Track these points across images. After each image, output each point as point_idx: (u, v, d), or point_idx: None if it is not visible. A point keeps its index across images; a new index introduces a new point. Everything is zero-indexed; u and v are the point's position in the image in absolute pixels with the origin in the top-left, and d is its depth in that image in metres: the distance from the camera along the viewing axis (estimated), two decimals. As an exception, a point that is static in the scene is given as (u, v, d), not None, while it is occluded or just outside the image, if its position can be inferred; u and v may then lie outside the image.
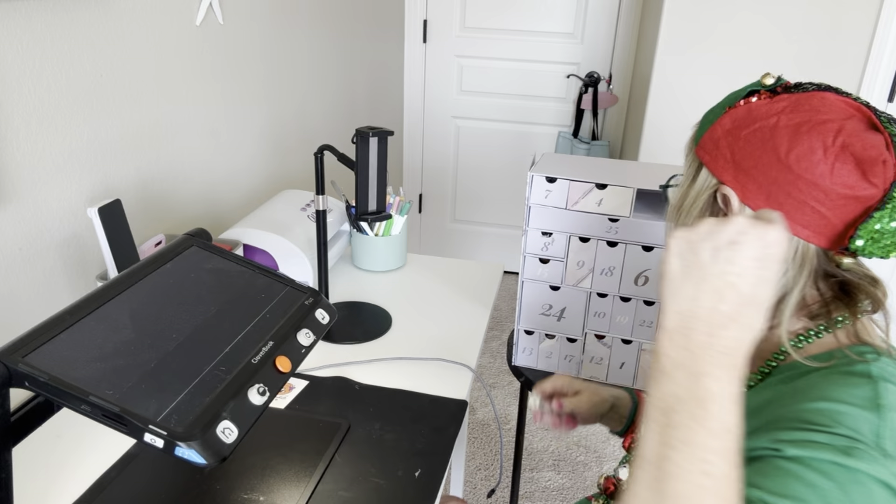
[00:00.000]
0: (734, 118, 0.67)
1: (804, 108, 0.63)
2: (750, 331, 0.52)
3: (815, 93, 0.65)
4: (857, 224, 0.61)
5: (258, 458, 0.89)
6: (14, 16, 0.91)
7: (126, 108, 1.15)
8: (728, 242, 0.53)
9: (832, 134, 0.61)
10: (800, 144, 0.62)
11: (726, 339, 0.52)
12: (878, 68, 2.09)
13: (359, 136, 1.13)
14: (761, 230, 0.53)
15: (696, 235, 0.55)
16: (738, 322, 0.52)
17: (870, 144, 0.60)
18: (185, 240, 0.76)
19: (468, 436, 2.17)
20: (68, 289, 1.07)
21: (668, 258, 0.56)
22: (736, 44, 2.17)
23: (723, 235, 0.54)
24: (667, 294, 0.56)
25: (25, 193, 0.97)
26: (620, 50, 2.73)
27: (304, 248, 1.29)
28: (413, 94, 2.98)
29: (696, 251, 0.54)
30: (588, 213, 1.14)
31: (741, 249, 0.53)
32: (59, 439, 0.93)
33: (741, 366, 0.52)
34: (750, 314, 0.52)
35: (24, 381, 0.54)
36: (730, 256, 0.53)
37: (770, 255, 0.53)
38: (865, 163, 0.60)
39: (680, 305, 0.54)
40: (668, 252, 0.56)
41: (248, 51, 1.53)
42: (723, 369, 0.51)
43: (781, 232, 0.53)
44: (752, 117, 0.66)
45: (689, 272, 0.54)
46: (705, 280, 0.53)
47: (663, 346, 0.54)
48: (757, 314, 0.53)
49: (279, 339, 0.67)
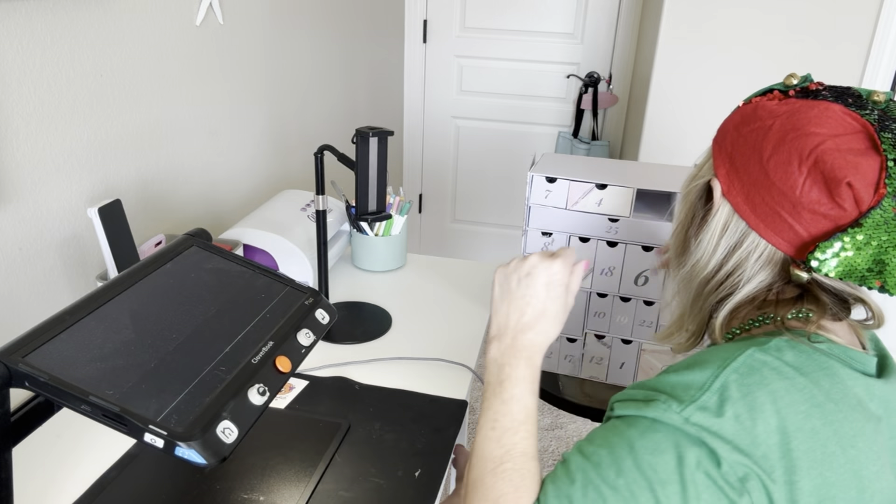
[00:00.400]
0: (743, 114, 0.68)
1: (800, 117, 0.63)
2: (544, 334, 0.73)
3: (821, 102, 0.63)
4: (821, 241, 0.61)
5: (258, 458, 0.89)
6: (14, 16, 0.91)
7: (126, 108, 1.15)
8: (526, 274, 0.75)
9: (810, 148, 0.61)
10: (780, 153, 0.62)
11: (524, 340, 0.72)
12: (879, 68, 2.09)
13: (359, 136, 1.13)
14: (548, 264, 0.74)
15: (509, 270, 0.76)
16: (535, 329, 0.73)
17: (844, 164, 0.59)
18: (185, 240, 0.76)
19: (468, 436, 2.17)
20: (68, 289, 1.07)
21: (493, 286, 0.78)
22: (736, 44, 2.17)
23: (524, 268, 0.75)
24: (492, 312, 0.77)
25: (25, 193, 0.97)
26: (620, 50, 2.73)
27: (304, 248, 1.29)
28: (413, 94, 2.98)
29: (509, 280, 0.76)
30: (588, 213, 1.14)
31: (534, 278, 0.74)
32: (58, 439, 0.93)
33: (536, 358, 0.72)
34: (544, 322, 0.73)
35: (24, 381, 0.54)
36: (528, 283, 0.74)
37: (555, 281, 0.74)
38: (831, 182, 0.59)
39: (498, 319, 0.75)
40: (493, 282, 0.78)
41: (248, 51, 1.53)
42: (519, 360, 0.71)
43: (563, 264, 0.74)
44: (756, 116, 0.66)
45: (504, 295, 0.76)
46: (513, 301, 0.75)
47: (488, 350, 0.74)
48: (549, 323, 0.73)
49: (279, 339, 0.67)
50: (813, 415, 0.58)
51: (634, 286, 1.17)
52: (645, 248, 1.13)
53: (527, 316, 0.73)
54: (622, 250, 1.15)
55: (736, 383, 0.59)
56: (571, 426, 2.23)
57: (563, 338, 1.25)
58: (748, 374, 0.59)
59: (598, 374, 1.26)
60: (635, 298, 1.18)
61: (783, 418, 0.57)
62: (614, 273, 1.17)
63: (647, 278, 1.16)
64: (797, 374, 0.60)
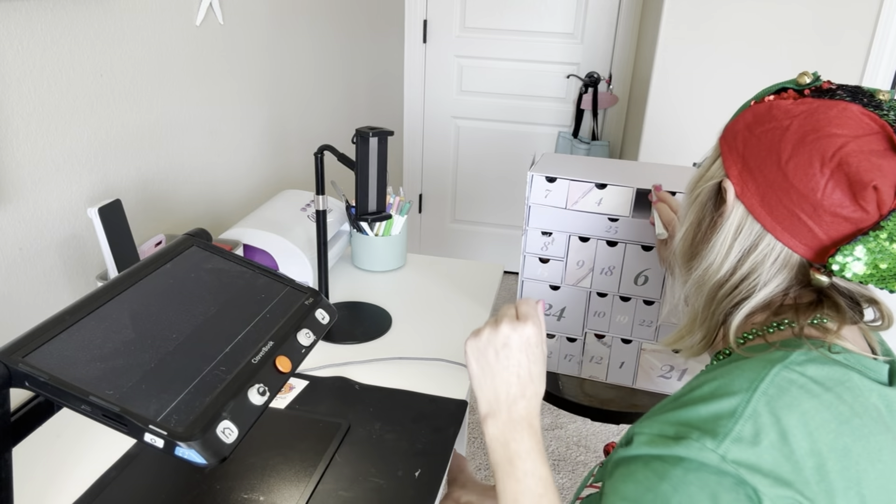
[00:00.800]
0: (756, 114, 0.66)
1: (819, 118, 0.61)
2: (535, 397, 0.74)
3: (838, 102, 0.62)
4: (842, 244, 0.60)
5: (258, 458, 0.89)
6: (14, 16, 0.91)
7: (126, 108, 1.15)
8: (502, 345, 0.74)
9: (833, 149, 0.59)
10: (800, 154, 0.61)
11: (520, 409, 0.73)
12: (878, 68, 2.09)
13: (359, 136, 1.13)
14: (521, 330, 0.74)
15: (481, 343, 0.76)
16: (525, 396, 0.73)
17: (869, 167, 0.58)
18: (185, 240, 0.76)
19: (468, 436, 2.17)
20: (68, 289, 1.07)
21: (468, 362, 0.77)
22: (736, 43, 2.17)
23: (499, 340, 0.74)
24: (476, 389, 0.76)
25: (25, 193, 0.97)
26: (620, 50, 2.73)
27: (304, 248, 1.29)
28: (413, 94, 2.98)
29: (485, 354, 0.75)
30: (588, 213, 1.14)
31: (511, 348, 0.74)
32: (58, 439, 0.93)
33: (536, 423, 0.73)
34: (532, 387, 0.74)
35: (24, 381, 0.54)
36: (507, 354, 0.74)
37: (531, 344, 0.74)
38: (856, 185, 0.58)
39: (486, 396, 0.75)
40: (467, 357, 0.77)
41: (248, 51, 1.53)
42: (522, 432, 0.72)
43: (534, 325, 0.74)
44: (771, 116, 0.64)
45: (484, 371, 0.75)
46: (496, 375, 0.74)
47: (486, 429, 0.74)
48: (536, 385, 0.74)
49: (279, 339, 0.67)
50: (843, 432, 0.56)
51: (634, 286, 1.17)
52: (645, 247, 1.14)
53: (514, 387, 0.73)
54: (622, 250, 1.15)
55: (767, 407, 0.57)
56: (571, 426, 2.23)
57: (563, 337, 1.25)
58: (778, 396, 0.57)
59: (598, 374, 1.26)
60: (635, 298, 1.18)
61: (815, 440, 0.56)
62: (614, 273, 1.17)
63: (647, 278, 1.16)
64: (823, 390, 0.58)
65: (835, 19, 2.08)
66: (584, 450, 2.14)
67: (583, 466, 2.07)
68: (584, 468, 2.06)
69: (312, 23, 1.88)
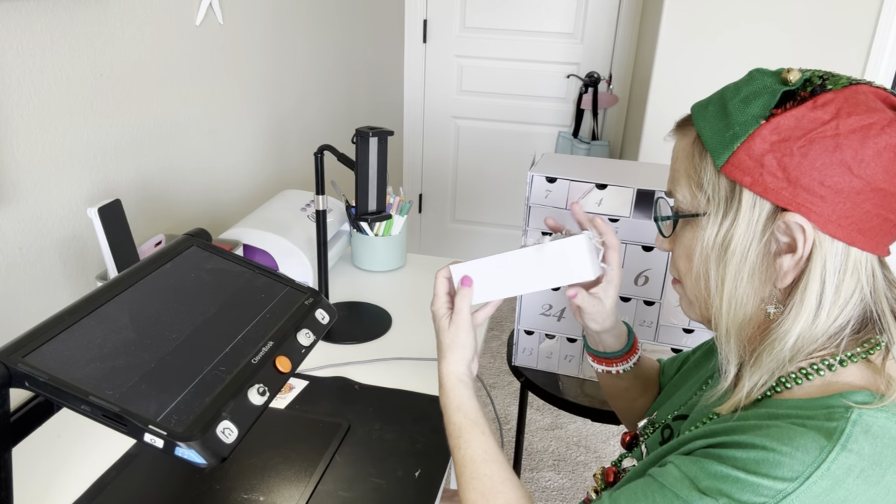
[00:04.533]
0: (778, 129, 0.57)
1: (856, 111, 0.55)
2: (444, 363, 0.81)
3: (856, 87, 0.57)
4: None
5: (258, 458, 0.89)
6: (14, 16, 0.91)
7: (126, 108, 1.15)
8: None
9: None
10: (865, 150, 0.55)
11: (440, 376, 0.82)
12: (879, 68, 2.09)
13: (359, 136, 1.13)
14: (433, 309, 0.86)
15: None
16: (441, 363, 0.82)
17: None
18: (185, 240, 0.76)
19: (468, 436, 2.17)
20: (68, 289, 1.07)
21: None
22: (736, 43, 2.17)
23: None
24: None
25: (25, 193, 0.97)
26: (620, 50, 2.73)
27: (304, 248, 1.29)
28: (413, 94, 2.98)
29: None
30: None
31: None
32: (59, 439, 0.93)
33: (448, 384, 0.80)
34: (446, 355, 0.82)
35: (24, 381, 0.54)
36: None
37: (434, 317, 0.85)
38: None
39: None
40: None
41: (248, 51, 1.53)
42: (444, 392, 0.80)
43: (435, 299, 0.86)
44: (802, 126, 0.56)
45: None
46: None
47: None
48: (444, 350, 0.82)
49: (279, 339, 0.67)
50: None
51: (634, 286, 1.17)
52: (645, 248, 1.13)
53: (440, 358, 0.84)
54: (622, 250, 1.15)
55: None
56: (571, 426, 2.23)
57: (563, 338, 1.25)
58: (832, 490, 0.51)
59: (598, 374, 1.26)
60: (635, 298, 1.18)
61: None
62: (614, 273, 1.17)
63: (647, 278, 1.16)
64: (879, 471, 0.52)
65: (835, 19, 2.08)
66: (584, 450, 2.14)
67: (583, 466, 2.07)
68: (584, 468, 2.06)
69: (312, 23, 1.88)
